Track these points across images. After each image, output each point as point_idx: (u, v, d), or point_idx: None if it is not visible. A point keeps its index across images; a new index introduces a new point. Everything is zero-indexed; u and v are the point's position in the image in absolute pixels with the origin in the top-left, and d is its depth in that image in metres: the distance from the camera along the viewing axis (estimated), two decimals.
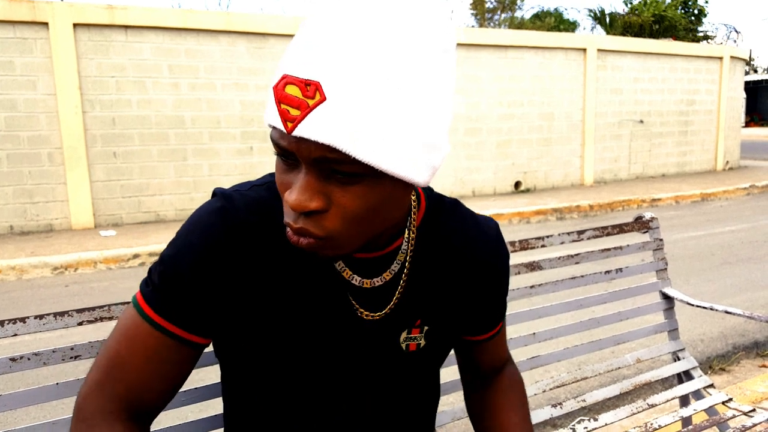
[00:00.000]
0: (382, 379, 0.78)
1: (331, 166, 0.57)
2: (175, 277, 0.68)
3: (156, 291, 0.68)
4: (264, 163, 7.56)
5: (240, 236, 0.68)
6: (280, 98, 0.56)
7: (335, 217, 0.60)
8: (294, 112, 0.55)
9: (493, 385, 0.92)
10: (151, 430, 1.08)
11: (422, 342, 0.79)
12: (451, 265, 0.79)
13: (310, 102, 0.54)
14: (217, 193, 0.72)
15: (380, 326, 0.75)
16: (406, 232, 0.76)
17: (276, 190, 0.72)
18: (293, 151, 0.58)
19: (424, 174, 0.61)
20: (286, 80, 0.56)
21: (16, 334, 1.04)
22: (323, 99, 0.54)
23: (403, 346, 0.78)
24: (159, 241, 5.86)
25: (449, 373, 1.33)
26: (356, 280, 0.73)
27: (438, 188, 8.43)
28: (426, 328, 0.79)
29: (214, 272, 0.68)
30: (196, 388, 1.14)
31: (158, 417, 1.14)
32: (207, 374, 1.10)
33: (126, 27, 6.74)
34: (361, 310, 0.74)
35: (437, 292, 0.79)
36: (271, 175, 0.76)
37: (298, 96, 0.55)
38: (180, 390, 1.14)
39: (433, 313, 0.79)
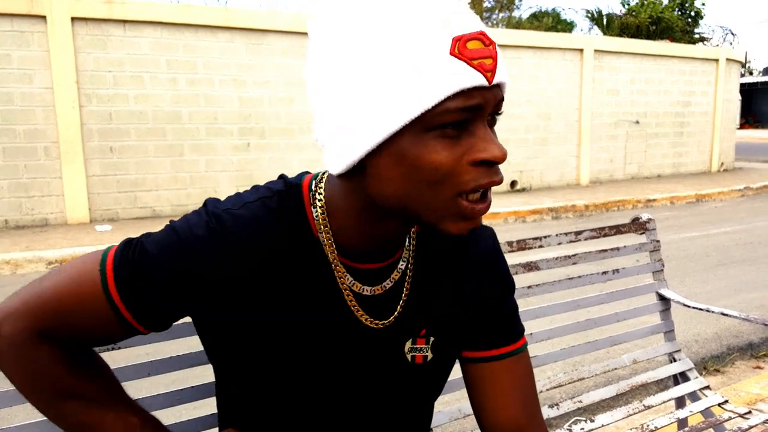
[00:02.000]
0: (387, 390, 0.78)
1: (496, 108, 0.62)
2: (153, 271, 0.67)
3: (129, 274, 0.67)
4: (261, 159, 7.55)
5: (224, 258, 0.66)
6: (471, 55, 0.57)
7: None
8: (488, 62, 0.58)
9: None
10: None
11: (429, 355, 0.78)
12: (451, 270, 0.79)
13: (492, 49, 0.58)
14: (208, 210, 0.69)
15: (386, 335, 0.75)
16: (407, 240, 0.76)
17: (271, 207, 0.70)
18: (481, 104, 0.59)
19: None
20: (464, 39, 0.57)
21: None
22: (495, 43, 0.59)
23: (409, 357, 0.77)
24: None
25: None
26: (359, 288, 0.73)
27: None
28: (432, 339, 0.78)
29: (188, 283, 0.67)
30: (192, 387, 1.13)
31: (154, 413, 1.14)
32: (202, 372, 1.10)
33: (124, 21, 6.71)
34: (366, 317, 0.73)
35: (440, 300, 0.78)
36: (262, 188, 0.73)
37: (483, 47, 0.58)
38: (175, 389, 1.14)
39: (437, 322, 0.78)
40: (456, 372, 1.09)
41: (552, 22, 18.15)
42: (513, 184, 9.56)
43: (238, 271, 0.67)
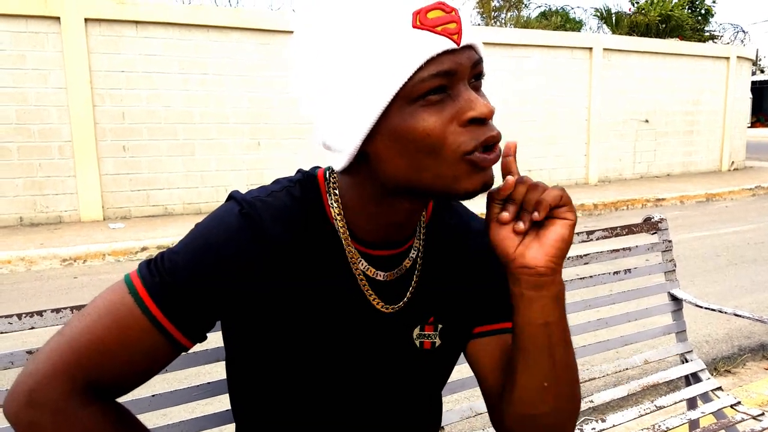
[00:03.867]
0: (396, 375, 0.80)
1: (476, 71, 0.64)
2: (190, 277, 0.66)
3: (164, 286, 0.66)
4: (271, 158, 7.59)
5: (262, 245, 0.68)
6: (433, 24, 0.60)
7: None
8: (452, 26, 0.61)
9: None
10: (160, 425, 1.10)
11: (437, 341, 0.81)
12: (458, 259, 0.82)
13: (454, 15, 0.61)
14: (237, 199, 0.71)
15: (396, 319, 0.78)
16: (417, 229, 0.79)
17: (296, 195, 0.73)
18: (455, 68, 0.61)
19: None
20: (424, 10, 0.60)
21: (33, 327, 1.06)
22: (456, 9, 0.62)
23: (417, 343, 0.80)
24: (167, 235, 5.90)
25: (453, 373, 1.35)
26: (373, 272, 0.75)
27: None
28: (440, 326, 0.81)
29: (232, 279, 0.67)
30: (208, 383, 1.16)
31: (168, 409, 1.15)
32: (214, 369, 1.12)
33: (136, 22, 6.77)
34: (378, 300, 0.76)
35: (448, 287, 0.81)
36: (284, 179, 0.77)
37: (443, 14, 0.60)
38: (189, 385, 1.16)
39: (445, 310, 0.81)
40: (467, 371, 1.11)
41: (561, 20, 18.06)
42: None
43: (268, 254, 0.69)
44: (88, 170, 6.73)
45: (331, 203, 0.74)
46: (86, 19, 6.53)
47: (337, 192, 0.74)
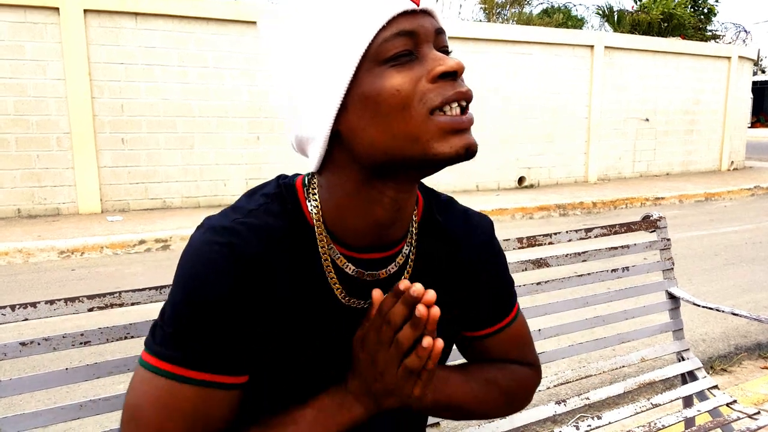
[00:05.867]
0: None
1: (439, 41, 0.65)
2: (198, 330, 0.65)
3: (184, 348, 0.65)
4: (270, 152, 7.57)
5: (252, 271, 0.67)
6: None
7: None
8: None
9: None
10: None
11: None
12: (449, 260, 0.82)
13: None
14: (215, 227, 0.68)
15: None
16: (409, 229, 0.78)
17: (275, 211, 0.71)
18: (417, 30, 0.63)
19: None
20: None
21: (26, 319, 1.06)
22: None
23: None
24: (165, 228, 5.89)
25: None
26: (362, 273, 0.74)
27: (442, 182, 8.44)
28: None
29: (234, 311, 0.66)
30: None
31: None
32: None
33: (136, 14, 6.74)
34: (356, 302, 0.75)
35: (439, 286, 0.80)
36: (258, 195, 0.74)
37: None
38: None
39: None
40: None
41: (563, 18, 18.01)
42: (521, 180, 9.53)
43: (259, 278, 0.67)
44: (87, 162, 6.71)
45: (311, 209, 0.72)
46: (85, 10, 6.50)
47: (317, 197, 0.72)
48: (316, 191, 0.73)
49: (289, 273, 0.70)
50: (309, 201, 0.73)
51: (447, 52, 0.66)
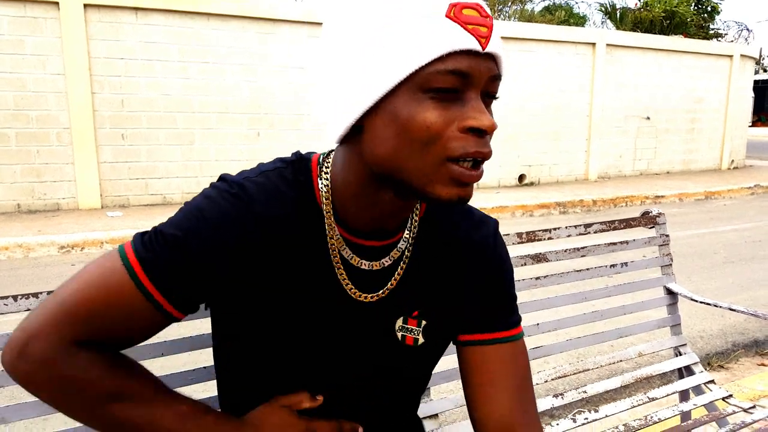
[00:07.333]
0: (376, 366, 0.80)
1: (491, 86, 0.64)
2: (182, 253, 0.67)
3: (157, 259, 0.67)
4: (271, 148, 7.57)
5: (254, 227, 0.69)
6: (466, 20, 0.60)
7: (491, 137, 0.65)
8: (483, 30, 0.60)
9: None
10: None
11: (420, 338, 0.80)
12: (450, 256, 0.81)
13: (488, 21, 0.61)
14: (228, 180, 0.71)
15: (376, 308, 0.78)
16: (410, 221, 0.79)
17: (287, 177, 0.73)
18: (472, 73, 0.61)
19: None
20: (461, 5, 0.60)
21: (29, 309, 1.06)
22: (491, 17, 0.62)
23: (399, 336, 0.79)
24: None
25: (449, 361, 1.35)
26: (357, 261, 0.75)
27: None
28: (424, 323, 0.80)
29: (222, 257, 0.68)
30: (203, 368, 1.15)
31: None
32: (198, 356, 1.13)
33: (136, 9, 6.74)
34: (355, 290, 0.76)
35: (436, 283, 0.80)
36: (277, 160, 0.77)
37: (479, 16, 0.61)
38: (187, 369, 1.16)
39: (431, 306, 0.80)
40: (455, 360, 1.11)
41: (565, 15, 18.00)
42: (521, 178, 9.54)
43: (259, 235, 0.69)
44: (87, 158, 6.72)
45: (321, 187, 0.73)
46: (85, 5, 6.49)
47: (328, 176, 0.73)
48: (329, 170, 0.74)
49: (290, 241, 0.72)
50: (321, 178, 0.74)
51: (494, 98, 0.66)
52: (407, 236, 0.78)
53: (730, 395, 1.72)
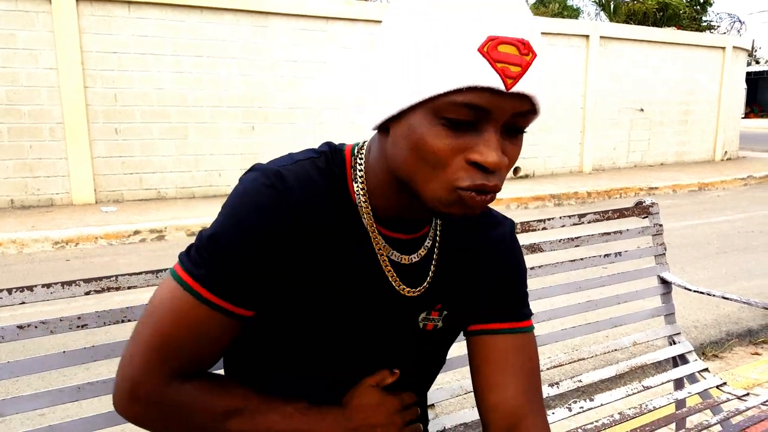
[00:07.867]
0: (397, 351, 0.82)
1: (518, 121, 0.62)
2: (231, 256, 0.68)
3: (210, 271, 0.68)
4: (266, 142, 7.55)
5: (292, 216, 0.69)
6: (497, 58, 0.58)
7: (505, 170, 0.64)
8: (514, 69, 0.58)
9: None
10: None
11: (439, 324, 0.83)
12: (469, 253, 0.84)
13: (527, 59, 0.59)
14: (261, 170, 0.71)
15: (411, 303, 0.79)
16: (433, 219, 0.81)
17: (320, 167, 0.73)
18: (491, 109, 0.60)
19: None
20: (499, 40, 0.58)
21: (24, 302, 1.06)
22: (536, 56, 0.60)
23: (421, 324, 0.82)
24: (160, 219, 5.88)
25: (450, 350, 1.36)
26: (395, 255, 0.77)
27: None
28: (445, 312, 0.83)
29: (267, 252, 0.69)
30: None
31: None
32: None
33: (129, 2, 6.69)
34: (400, 283, 0.77)
35: (457, 278, 0.83)
36: (310, 150, 0.77)
37: (516, 54, 0.58)
38: None
39: (453, 298, 0.83)
40: (456, 350, 1.12)
41: (558, 7, 17.99)
42: (516, 170, 9.55)
43: (300, 224, 0.70)
44: (80, 153, 6.68)
45: (356, 180, 0.74)
46: None
47: (362, 169, 0.74)
48: (363, 161, 0.75)
49: (325, 229, 0.72)
50: (354, 171, 0.75)
51: (521, 131, 0.65)
52: (432, 233, 0.80)
53: (724, 383, 1.74)
